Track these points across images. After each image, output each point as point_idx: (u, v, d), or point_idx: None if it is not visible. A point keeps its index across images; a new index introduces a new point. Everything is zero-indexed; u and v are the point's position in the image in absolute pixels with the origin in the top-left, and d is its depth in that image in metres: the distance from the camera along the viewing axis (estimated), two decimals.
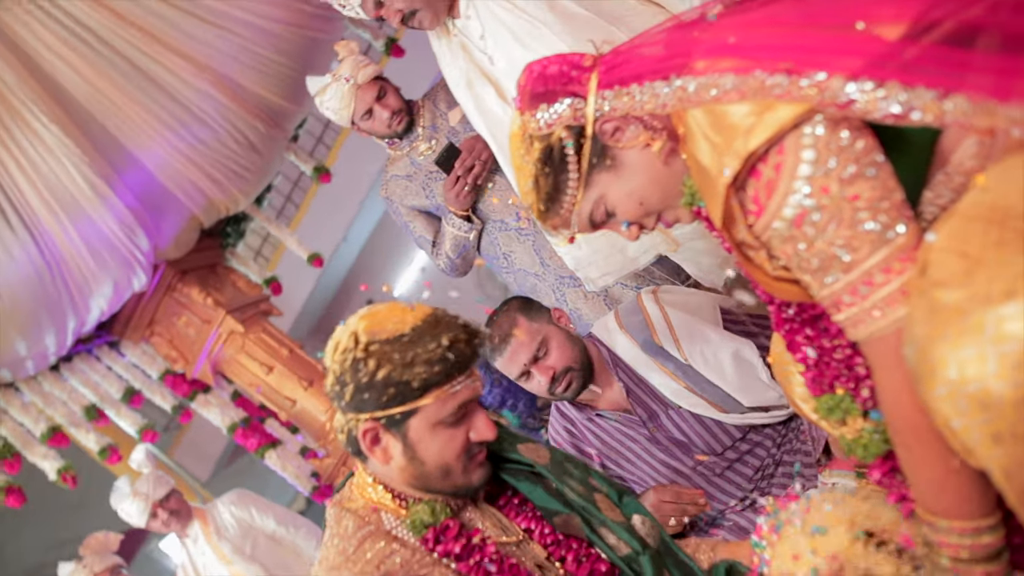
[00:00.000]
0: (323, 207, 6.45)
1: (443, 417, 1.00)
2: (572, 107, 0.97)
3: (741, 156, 0.84)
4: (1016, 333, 0.63)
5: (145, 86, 2.55)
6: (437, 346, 0.98)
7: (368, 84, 2.24)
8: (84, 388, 3.29)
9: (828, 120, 0.82)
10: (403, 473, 1.04)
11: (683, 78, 0.89)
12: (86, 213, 2.61)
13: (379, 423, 1.00)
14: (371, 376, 0.98)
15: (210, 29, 2.53)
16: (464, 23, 1.74)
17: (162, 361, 3.58)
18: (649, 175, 1.00)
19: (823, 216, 0.82)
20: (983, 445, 0.67)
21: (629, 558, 1.07)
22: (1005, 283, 0.65)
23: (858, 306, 0.84)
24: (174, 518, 2.92)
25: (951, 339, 0.67)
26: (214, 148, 2.93)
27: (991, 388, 0.65)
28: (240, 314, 3.61)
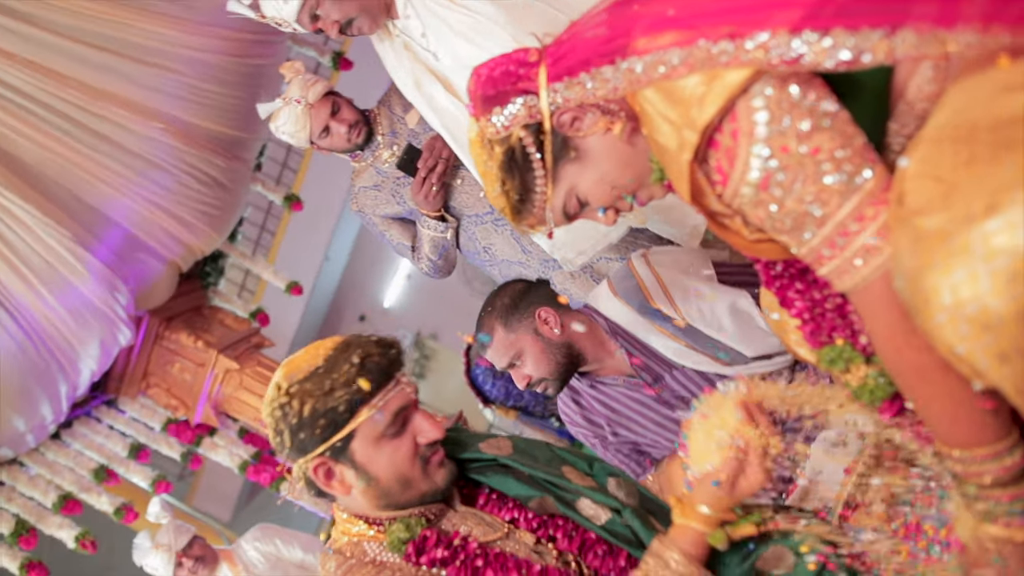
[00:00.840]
0: (300, 230, 6.40)
1: (382, 430, 1.02)
2: (526, 105, 0.96)
3: (697, 130, 0.83)
4: (1005, 246, 0.62)
5: (95, 143, 2.52)
6: (351, 367, 1.01)
7: (320, 102, 2.22)
8: (89, 451, 3.26)
9: (776, 78, 0.81)
10: (367, 497, 1.05)
11: (628, 59, 0.88)
12: (65, 279, 2.58)
13: (325, 457, 1.02)
14: (299, 416, 1.00)
15: (150, 71, 2.49)
16: (404, 23, 1.72)
17: (163, 411, 3.55)
18: (615, 158, 0.99)
19: (787, 175, 0.81)
20: (991, 367, 0.66)
21: (611, 524, 1.08)
22: (984, 199, 0.64)
23: (839, 258, 0.83)
24: (200, 564, 2.90)
25: (940, 265, 0.66)
26: (177, 192, 2.90)
27: (989, 307, 0.64)
28: (233, 351, 3.58)
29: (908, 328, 0.79)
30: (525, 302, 1.74)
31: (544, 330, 1.71)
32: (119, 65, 2.40)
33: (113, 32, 2.32)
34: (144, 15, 2.36)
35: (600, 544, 1.07)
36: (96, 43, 2.33)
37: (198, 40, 2.52)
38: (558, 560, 1.05)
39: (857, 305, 0.88)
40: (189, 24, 2.47)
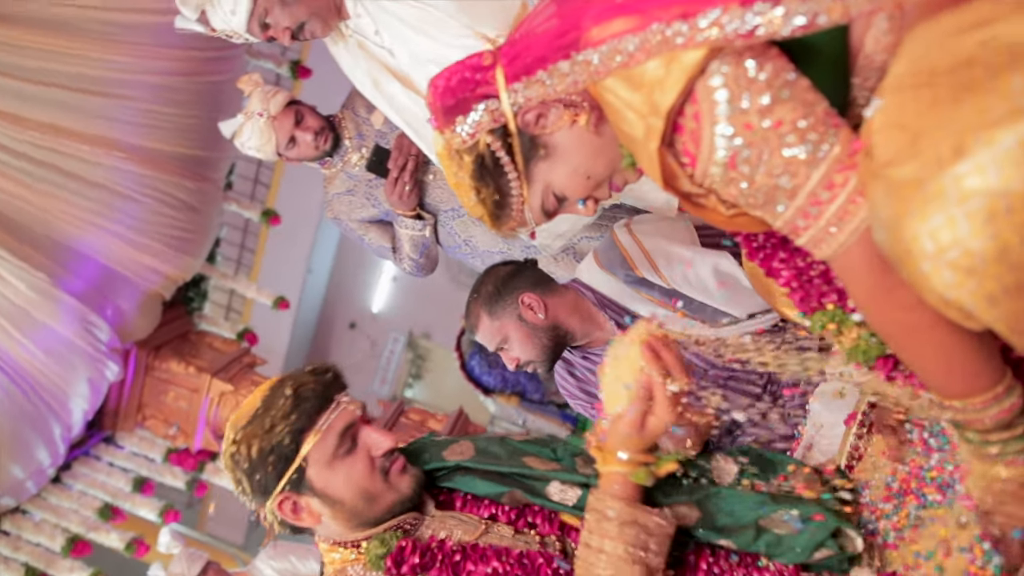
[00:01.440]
0: (279, 245, 6.36)
1: (332, 452, 1.04)
2: (488, 110, 0.95)
3: (661, 116, 0.83)
4: (977, 187, 0.62)
5: (59, 180, 2.49)
6: (285, 400, 1.04)
7: (283, 112, 2.19)
8: (92, 490, 3.24)
9: (731, 55, 0.80)
10: (338, 521, 1.07)
11: (584, 52, 0.87)
12: (38, 321, 2.55)
13: (286, 492, 1.05)
14: (249, 459, 1.03)
15: (104, 102, 2.45)
16: (356, 22, 1.70)
17: (162, 441, 3.53)
18: (585, 149, 0.98)
19: (753, 151, 0.81)
20: (981, 310, 0.66)
21: (581, 501, 1.09)
22: (951, 142, 0.63)
23: (814, 227, 0.83)
24: None
25: (917, 213, 0.66)
26: (147, 220, 2.86)
27: (971, 249, 0.63)
28: (225, 373, 3.56)
29: (890, 288, 0.80)
30: (508, 288, 1.74)
31: (528, 315, 1.72)
32: (72, 100, 2.37)
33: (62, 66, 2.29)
34: (92, 44, 2.32)
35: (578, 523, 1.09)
36: (46, 80, 2.30)
37: (151, 64, 2.49)
38: (540, 544, 1.06)
39: (838, 271, 0.88)
40: (139, 48, 2.43)
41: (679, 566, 1.03)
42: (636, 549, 0.95)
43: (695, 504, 1.05)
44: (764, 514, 1.02)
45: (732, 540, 1.03)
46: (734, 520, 1.03)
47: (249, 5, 1.66)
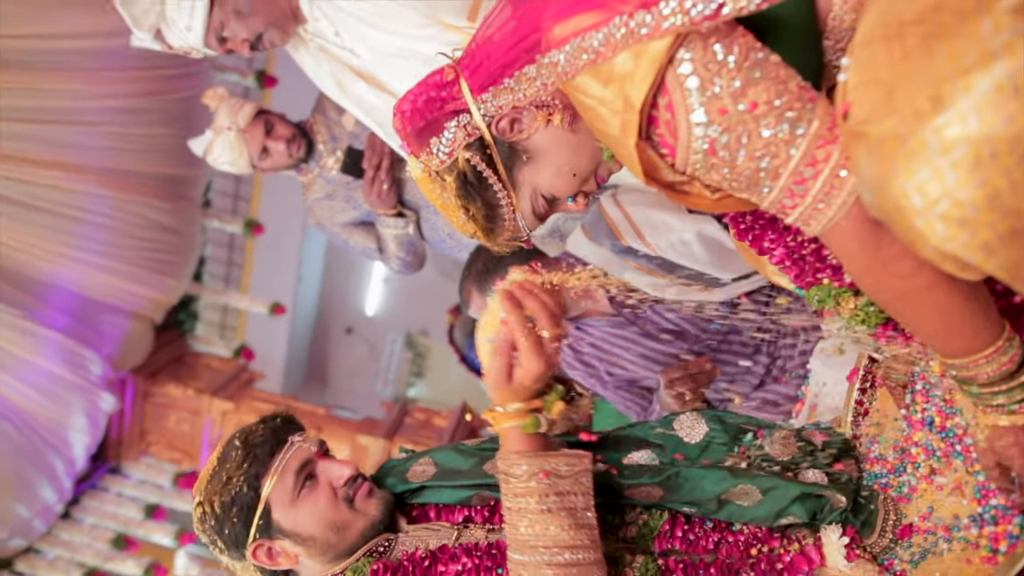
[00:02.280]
0: (267, 257, 6.31)
1: (292, 491, 1.07)
2: (460, 125, 0.94)
3: (635, 111, 0.82)
4: (960, 136, 0.61)
5: (25, 214, 2.46)
6: (237, 451, 1.07)
7: (252, 124, 2.16)
8: (104, 522, 3.23)
9: (698, 40, 0.79)
10: (314, 558, 1.08)
11: (548, 53, 0.85)
12: (21, 359, 2.52)
13: (258, 540, 1.07)
14: (215, 516, 1.06)
15: (72, 129, 2.41)
16: (315, 26, 1.67)
17: (169, 466, 3.51)
18: (566, 147, 0.97)
19: (731, 136, 0.80)
20: (979, 260, 0.65)
21: None
22: (927, 93, 0.62)
23: (801, 205, 0.82)
24: None
25: (902, 169, 0.64)
26: (122, 245, 2.83)
27: (961, 199, 0.62)
28: (225, 392, 3.55)
29: (885, 257, 0.79)
30: (498, 264, 1.77)
31: None
32: (39, 132, 2.33)
33: (15, 101, 2.24)
34: (42, 76, 2.28)
35: None
36: (10, 116, 2.25)
37: (109, 88, 2.45)
38: None
39: (830, 245, 0.87)
40: (93, 74, 2.39)
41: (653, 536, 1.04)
42: (550, 497, 0.94)
43: (658, 484, 1.05)
44: (726, 488, 1.03)
45: (696, 510, 1.04)
46: (696, 496, 1.04)
47: (204, 20, 1.63)
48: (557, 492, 0.94)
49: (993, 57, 0.59)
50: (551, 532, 0.93)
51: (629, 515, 1.08)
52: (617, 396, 1.85)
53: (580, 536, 0.93)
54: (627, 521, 1.07)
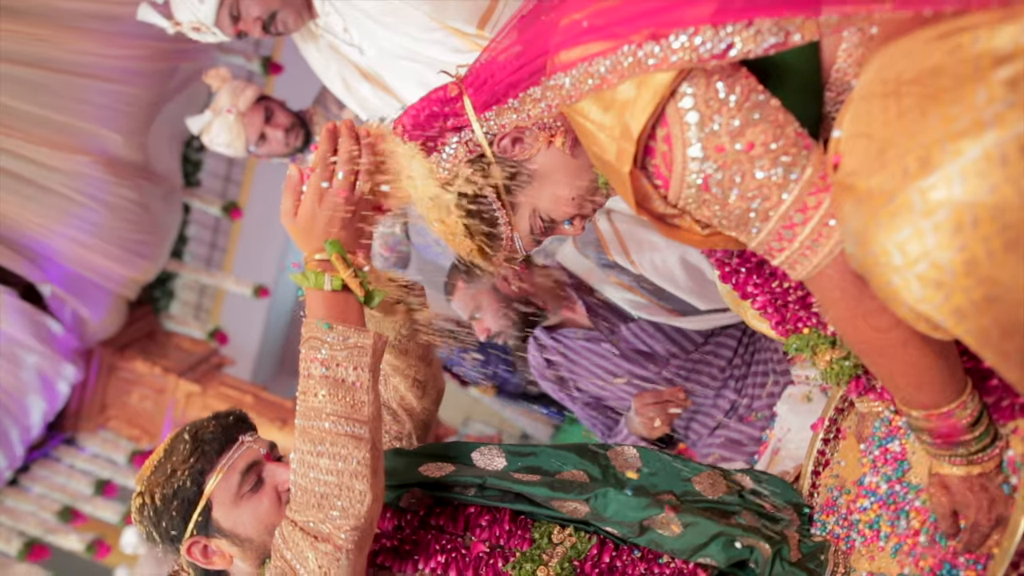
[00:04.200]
0: (252, 243, 6.25)
1: (236, 490, 1.05)
2: (462, 142, 0.94)
3: (632, 140, 0.82)
4: (944, 199, 0.62)
5: (22, 188, 2.45)
6: (185, 444, 1.06)
7: (252, 109, 2.16)
8: (52, 493, 3.16)
9: (701, 77, 0.79)
10: (248, 560, 1.07)
11: (554, 76, 0.86)
12: None
13: (195, 537, 1.05)
14: (154, 508, 1.04)
15: (68, 80, 2.39)
16: (325, 20, 1.68)
17: (126, 443, 3.44)
18: (566, 170, 0.97)
19: (725, 174, 0.81)
20: (950, 324, 0.66)
21: (479, 494, 1.12)
22: (918, 153, 0.63)
23: (788, 249, 0.83)
24: None
25: (885, 225, 0.66)
26: (110, 228, 2.84)
27: (938, 261, 0.63)
28: (193, 374, 3.50)
29: (865, 309, 0.80)
30: None
31: (502, 287, 1.80)
32: (31, 76, 2.31)
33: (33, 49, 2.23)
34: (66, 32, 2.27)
35: (483, 515, 1.10)
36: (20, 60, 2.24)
37: (120, 52, 2.44)
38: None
39: (813, 291, 0.88)
40: (112, 38, 2.38)
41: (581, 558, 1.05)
42: (316, 364, 0.93)
43: (584, 501, 1.07)
44: (647, 516, 1.05)
45: (618, 530, 1.05)
46: (619, 518, 1.05)
47: None
48: (324, 361, 0.94)
49: (984, 126, 0.60)
50: (317, 400, 0.94)
51: (557, 535, 1.08)
52: (584, 413, 1.87)
53: (340, 407, 0.93)
54: (555, 542, 1.08)
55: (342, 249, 0.96)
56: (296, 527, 0.94)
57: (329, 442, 0.93)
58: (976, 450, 0.88)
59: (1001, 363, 0.68)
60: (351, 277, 0.96)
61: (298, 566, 0.93)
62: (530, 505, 1.10)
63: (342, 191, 0.94)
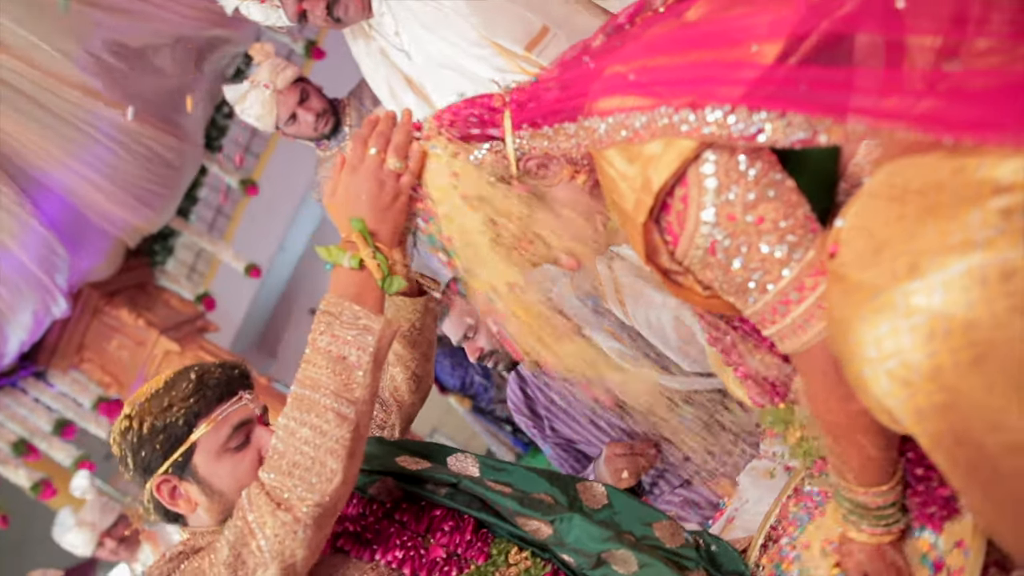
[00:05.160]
0: (258, 216, 6.27)
1: (223, 443, 1.04)
2: (492, 150, 0.97)
3: (652, 193, 0.85)
4: (924, 306, 0.65)
5: (45, 118, 2.47)
6: (188, 383, 1.05)
7: (289, 88, 2.20)
8: (11, 423, 3.14)
9: (726, 147, 0.83)
10: (212, 513, 1.06)
11: (591, 119, 0.89)
12: (1, 242, 2.49)
13: (168, 475, 1.04)
14: (139, 435, 1.03)
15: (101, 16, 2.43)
16: (379, 21, 1.71)
17: (95, 387, 3.43)
18: (578, 207, 1.00)
19: (733, 242, 0.84)
20: (910, 420, 0.69)
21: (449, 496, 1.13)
22: (909, 258, 0.67)
23: (780, 323, 0.86)
24: (122, 546, 2.80)
25: (867, 318, 0.69)
26: (124, 173, 2.84)
27: (909, 361, 0.67)
28: (175, 333, 3.49)
29: (841, 392, 0.84)
30: None
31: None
32: None
33: None
34: None
35: (447, 520, 1.10)
36: None
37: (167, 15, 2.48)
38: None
39: (797, 365, 0.92)
40: None
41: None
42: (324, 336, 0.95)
43: (549, 523, 1.08)
44: (607, 548, 1.06)
45: (575, 559, 1.06)
46: (579, 545, 1.06)
47: None
48: (333, 333, 0.95)
49: (973, 246, 0.64)
50: (315, 371, 0.94)
51: (514, 555, 1.09)
52: (555, 452, 1.87)
53: (334, 383, 0.93)
54: (510, 562, 1.08)
55: (365, 229, 0.97)
56: (263, 491, 0.93)
57: (315, 414, 0.93)
58: (890, 522, 0.98)
59: (949, 468, 0.71)
60: (370, 256, 0.97)
61: (256, 530, 0.92)
62: (495, 517, 1.11)
63: (379, 162, 0.97)
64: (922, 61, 0.73)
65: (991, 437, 0.66)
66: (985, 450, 0.67)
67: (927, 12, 0.73)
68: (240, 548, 0.92)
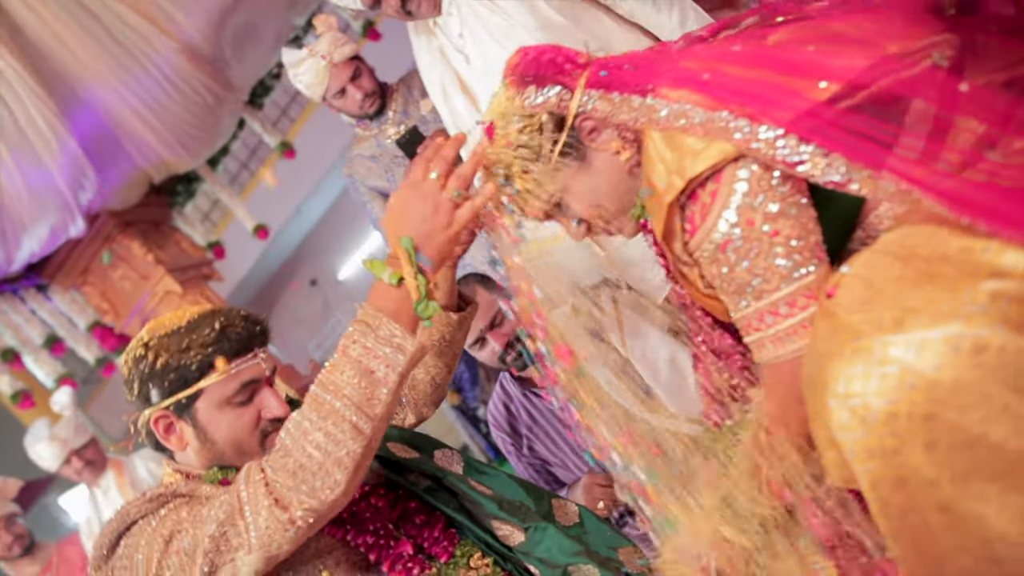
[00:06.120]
0: (281, 178, 6.34)
1: (228, 396, 1.04)
2: (559, 96, 1.02)
3: (684, 178, 0.91)
4: (899, 358, 0.72)
5: (103, 38, 2.52)
6: (211, 331, 1.04)
7: (344, 63, 2.26)
8: (4, 330, 3.19)
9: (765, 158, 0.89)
10: (200, 457, 1.07)
11: (658, 100, 0.95)
12: (36, 154, 2.55)
13: (168, 411, 1.05)
14: (151, 367, 1.03)
15: None
16: (445, 20, 1.76)
17: (92, 311, 3.48)
18: (612, 181, 1.05)
19: (744, 245, 0.90)
20: (858, 457, 0.75)
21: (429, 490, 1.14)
22: (897, 313, 0.73)
23: (763, 332, 0.92)
24: (88, 468, 2.83)
25: (846, 357, 0.75)
26: (168, 109, 2.90)
27: (870, 404, 0.73)
28: (181, 275, 3.55)
29: (795, 414, 0.90)
30: (494, 281, 1.80)
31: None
32: None
33: None
34: None
35: (420, 513, 1.12)
36: None
37: None
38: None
39: (764, 376, 0.97)
40: None
41: None
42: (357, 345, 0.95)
43: (523, 530, 1.10)
44: (575, 563, 1.08)
45: (541, 569, 1.09)
46: (548, 556, 1.08)
47: None
48: (366, 345, 0.95)
49: (956, 317, 0.70)
50: (340, 378, 0.94)
51: (476, 560, 1.11)
52: (527, 472, 1.87)
53: (358, 395, 0.93)
54: (472, 566, 1.10)
55: (412, 248, 0.97)
56: (263, 481, 0.93)
57: (332, 421, 0.92)
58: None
59: (881, 512, 0.77)
60: (411, 276, 0.96)
61: (248, 511, 0.92)
62: (468, 519, 1.12)
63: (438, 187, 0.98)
64: (963, 141, 0.79)
65: (925, 491, 0.72)
66: (917, 502, 0.73)
67: (982, 100, 0.80)
68: (227, 527, 0.93)
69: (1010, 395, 0.68)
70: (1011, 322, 0.69)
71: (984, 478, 0.70)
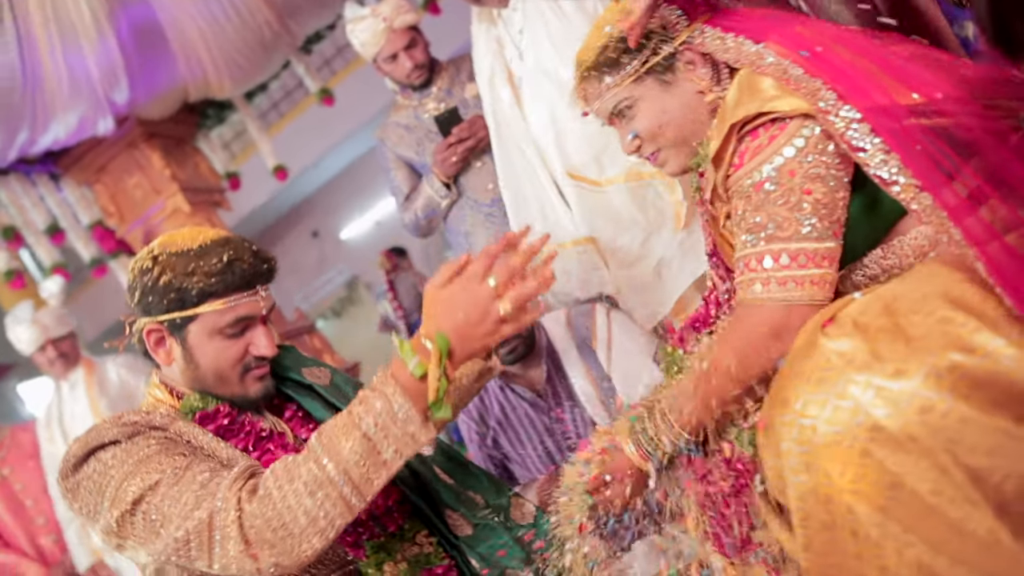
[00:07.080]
0: (307, 124, 6.37)
1: (221, 327, 1.07)
2: (677, 19, 1.09)
3: (756, 109, 0.97)
4: (855, 396, 0.79)
5: None
6: (218, 261, 1.05)
7: (402, 30, 2.29)
8: (9, 207, 3.21)
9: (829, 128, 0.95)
10: (184, 376, 1.11)
11: (767, 48, 1.01)
12: (79, 43, 2.56)
13: (163, 326, 1.08)
14: (155, 281, 1.05)
15: None
16: (509, 14, 1.81)
17: (98, 211, 3.50)
18: (684, 112, 1.10)
19: (777, 191, 0.96)
20: (795, 469, 0.82)
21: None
22: (867, 358, 0.80)
23: (756, 272, 0.97)
24: (61, 360, 2.85)
25: (812, 381, 0.82)
26: (226, 31, 2.93)
27: (818, 427, 0.80)
28: (192, 196, 3.56)
29: (746, 360, 0.95)
30: None
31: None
32: None
33: None
34: None
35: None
36: None
37: None
38: None
39: (736, 314, 1.01)
40: None
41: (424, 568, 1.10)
42: (368, 419, 0.94)
43: (473, 525, 1.14)
44: (513, 567, 1.12)
45: (479, 564, 1.12)
46: (490, 553, 1.12)
47: None
48: (379, 423, 0.94)
49: (916, 376, 0.76)
50: (344, 448, 0.92)
51: (421, 537, 1.14)
52: (486, 464, 1.91)
53: (357, 473, 0.92)
54: (416, 541, 1.14)
55: (446, 348, 0.94)
56: (239, 520, 0.92)
57: (325, 492, 0.92)
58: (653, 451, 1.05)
59: (801, 520, 0.83)
60: (435, 377, 0.94)
61: (217, 539, 0.92)
62: (424, 501, 1.15)
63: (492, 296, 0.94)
64: (1016, 198, 0.82)
65: (844, 514, 0.78)
66: (836, 520, 0.79)
67: None
68: (193, 539, 0.92)
69: (942, 454, 0.75)
70: (959, 392, 0.75)
71: (896, 519, 0.77)
